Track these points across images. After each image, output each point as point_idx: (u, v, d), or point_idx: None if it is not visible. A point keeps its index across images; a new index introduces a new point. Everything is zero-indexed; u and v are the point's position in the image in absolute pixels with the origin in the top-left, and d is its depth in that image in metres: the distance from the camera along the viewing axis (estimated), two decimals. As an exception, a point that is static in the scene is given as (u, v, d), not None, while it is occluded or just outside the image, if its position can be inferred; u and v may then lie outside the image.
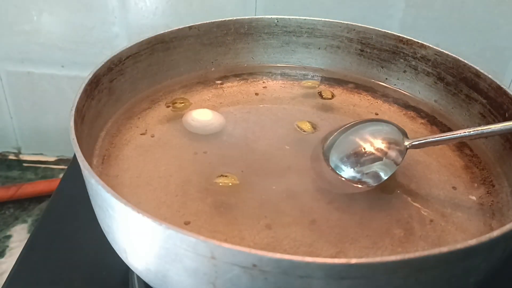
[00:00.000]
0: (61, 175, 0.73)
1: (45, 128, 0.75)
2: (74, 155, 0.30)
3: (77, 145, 0.29)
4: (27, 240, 0.46)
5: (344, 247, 0.32)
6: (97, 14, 0.64)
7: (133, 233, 0.27)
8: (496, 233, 0.25)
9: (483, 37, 0.60)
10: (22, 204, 0.68)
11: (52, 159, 0.77)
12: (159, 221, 0.25)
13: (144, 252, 0.28)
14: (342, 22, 0.50)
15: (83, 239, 0.46)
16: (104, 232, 0.32)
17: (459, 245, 0.24)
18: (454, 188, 0.38)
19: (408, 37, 0.47)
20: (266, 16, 0.51)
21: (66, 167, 0.74)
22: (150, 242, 0.27)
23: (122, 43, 0.65)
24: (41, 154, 0.78)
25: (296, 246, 0.32)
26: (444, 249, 0.23)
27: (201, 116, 0.42)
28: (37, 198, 0.69)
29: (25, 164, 0.76)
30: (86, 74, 0.38)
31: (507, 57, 0.61)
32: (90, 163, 0.29)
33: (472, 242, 0.24)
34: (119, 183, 0.35)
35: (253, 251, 0.24)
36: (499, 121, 0.40)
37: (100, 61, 0.40)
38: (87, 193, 0.32)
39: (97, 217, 0.32)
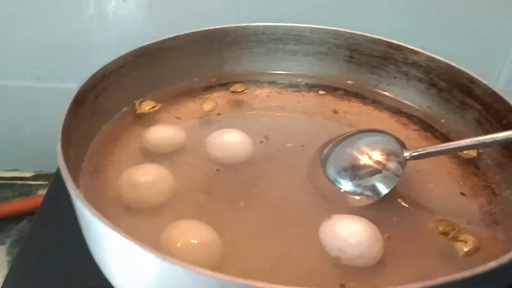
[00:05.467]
0: (39, 192, 0.70)
1: (20, 143, 0.72)
2: (57, 170, 0.28)
3: (68, 173, 0.27)
4: (11, 265, 0.44)
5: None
6: (74, 24, 0.61)
7: (132, 267, 0.26)
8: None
9: (476, 40, 0.59)
10: (-1, 224, 0.65)
11: (29, 174, 0.74)
12: (163, 256, 0.23)
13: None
14: (330, 28, 0.49)
15: (72, 260, 0.43)
16: (97, 264, 0.30)
17: (480, 269, 0.23)
18: (454, 197, 0.37)
19: (399, 43, 0.46)
20: (252, 24, 0.49)
21: (44, 182, 0.71)
22: (151, 277, 0.25)
23: (100, 52, 0.63)
24: (17, 170, 0.74)
25: (300, 264, 0.31)
26: (466, 273, 0.22)
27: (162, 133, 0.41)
28: (15, 218, 0.65)
29: (0, 181, 0.73)
30: (63, 86, 0.36)
31: (500, 60, 0.60)
32: (77, 184, 0.27)
33: (492, 264, 0.23)
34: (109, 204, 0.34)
35: (260, 284, 0.22)
36: (496, 128, 0.39)
37: (81, 76, 0.38)
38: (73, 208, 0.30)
39: (90, 249, 0.30)
